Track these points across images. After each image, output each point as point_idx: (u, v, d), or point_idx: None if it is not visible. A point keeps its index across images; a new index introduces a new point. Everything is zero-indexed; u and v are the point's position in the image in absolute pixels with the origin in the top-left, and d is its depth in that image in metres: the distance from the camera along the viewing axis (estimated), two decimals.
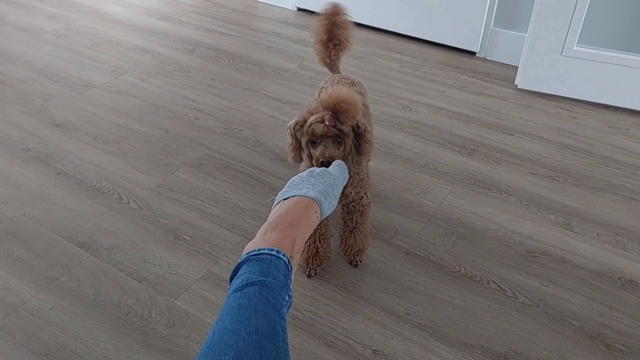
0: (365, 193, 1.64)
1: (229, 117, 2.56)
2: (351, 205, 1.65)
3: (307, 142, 1.42)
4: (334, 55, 1.88)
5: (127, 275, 1.74)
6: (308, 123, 1.38)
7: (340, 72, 1.92)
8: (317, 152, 1.38)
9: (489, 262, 1.81)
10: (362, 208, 1.66)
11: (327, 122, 1.34)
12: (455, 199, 2.08)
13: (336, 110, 1.34)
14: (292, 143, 1.47)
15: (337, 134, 1.37)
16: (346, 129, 1.37)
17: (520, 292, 1.70)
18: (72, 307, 1.63)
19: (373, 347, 1.53)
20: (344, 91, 1.36)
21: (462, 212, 2.02)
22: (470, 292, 1.70)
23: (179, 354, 1.50)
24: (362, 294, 1.69)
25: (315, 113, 1.38)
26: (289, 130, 1.45)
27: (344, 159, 1.41)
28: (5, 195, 2.05)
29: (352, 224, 1.70)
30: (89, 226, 1.92)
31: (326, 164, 1.36)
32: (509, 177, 2.20)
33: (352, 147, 1.44)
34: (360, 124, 1.41)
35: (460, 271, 1.78)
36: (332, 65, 1.91)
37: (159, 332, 1.56)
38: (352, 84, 1.77)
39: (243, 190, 2.09)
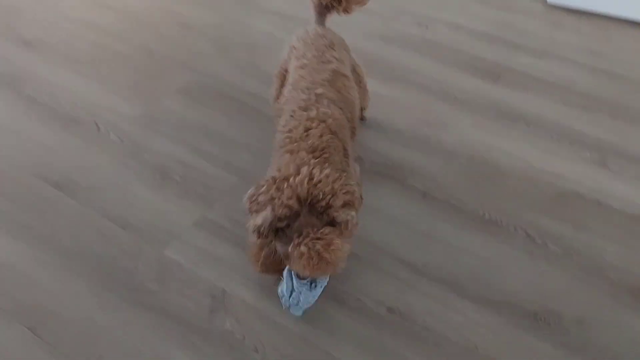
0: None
1: (222, 35, 2.26)
2: None
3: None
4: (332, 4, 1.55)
5: (109, 220, 1.54)
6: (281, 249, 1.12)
7: (324, 25, 1.59)
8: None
9: (515, 206, 1.62)
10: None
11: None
12: (477, 132, 1.85)
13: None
14: (257, 249, 1.26)
15: None
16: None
17: (550, 241, 1.52)
18: (47, 258, 1.45)
19: (387, 304, 1.37)
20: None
21: (485, 148, 1.79)
22: (495, 241, 1.52)
23: (171, 313, 1.33)
24: (374, 243, 1.50)
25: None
26: (255, 232, 1.10)
27: None
28: None
29: None
30: (64, 163, 1.70)
31: None
32: (537, 107, 1.95)
33: None
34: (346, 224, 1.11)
35: (484, 216, 1.58)
36: (321, 11, 1.57)
37: (148, 288, 1.39)
38: (331, 45, 1.49)
39: (238, 122, 1.85)
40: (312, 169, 1.10)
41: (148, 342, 1.29)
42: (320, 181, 1.07)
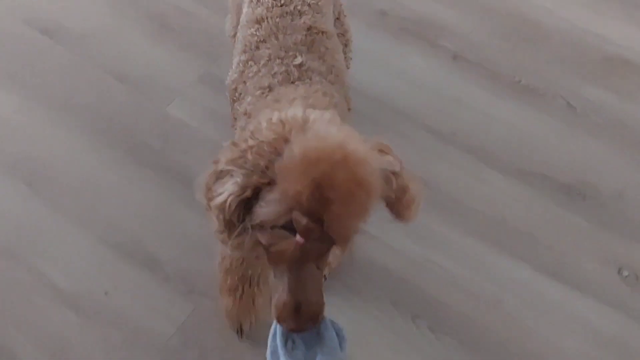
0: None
1: None
2: None
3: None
4: None
5: (104, 72, 1.40)
6: (266, 241, 0.66)
7: None
8: (282, 298, 0.68)
9: (556, 71, 1.46)
10: None
11: (301, 241, 0.63)
12: None
13: (328, 204, 0.61)
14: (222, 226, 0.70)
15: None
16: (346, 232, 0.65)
17: (593, 111, 1.39)
18: (41, 111, 1.33)
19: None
20: (343, 146, 0.63)
21: (525, 5, 1.60)
22: (531, 109, 1.39)
23: (176, 173, 1.24)
24: (397, 108, 1.36)
25: (276, 190, 0.64)
26: (215, 209, 0.68)
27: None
28: None
29: None
30: (53, 6, 1.53)
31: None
32: None
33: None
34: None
35: (520, 82, 1.43)
36: None
37: (151, 146, 1.28)
38: None
39: None
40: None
41: (152, 200, 1.21)
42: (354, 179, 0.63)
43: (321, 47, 0.97)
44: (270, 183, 0.64)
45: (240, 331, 1.06)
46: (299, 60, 0.92)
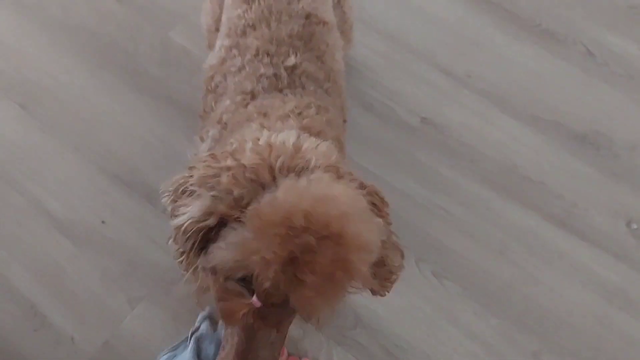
0: None
1: None
2: None
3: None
4: None
5: None
6: (216, 293, 0.57)
7: None
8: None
9: (577, 16, 1.39)
10: None
11: (257, 304, 0.52)
12: None
13: (299, 285, 0.50)
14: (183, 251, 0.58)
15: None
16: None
17: (613, 60, 1.33)
18: (36, 30, 1.26)
19: (422, 114, 1.22)
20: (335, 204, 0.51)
21: None
22: (549, 54, 1.33)
23: (178, 102, 1.18)
24: (410, 46, 1.30)
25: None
26: (174, 229, 0.57)
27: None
28: None
29: None
30: None
31: None
32: None
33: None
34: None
35: (540, 25, 1.37)
36: None
37: (151, 73, 1.22)
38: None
39: None
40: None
41: (150, 128, 1.16)
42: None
43: (321, 43, 0.81)
44: (239, 219, 0.51)
45: None
46: (292, 61, 0.76)
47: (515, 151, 1.19)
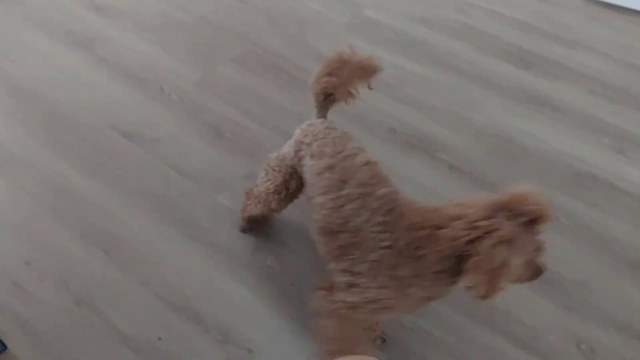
0: None
1: (273, 9, 2.44)
2: None
3: None
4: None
5: (169, 168, 1.76)
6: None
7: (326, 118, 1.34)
8: None
9: (534, 182, 1.76)
10: None
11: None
12: (506, 114, 2.00)
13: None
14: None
15: None
16: None
17: (563, 215, 1.68)
18: (118, 194, 1.68)
19: None
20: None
21: (512, 129, 1.94)
22: None
23: (221, 248, 1.55)
24: None
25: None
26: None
27: None
28: (48, 77, 2.04)
29: None
30: (132, 116, 1.92)
31: None
32: (566, 95, 2.08)
33: None
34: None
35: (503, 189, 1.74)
36: (324, 104, 1.34)
37: (202, 226, 1.60)
38: (345, 136, 1.25)
39: (288, 92, 2.04)
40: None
41: (200, 268, 1.51)
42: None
43: (378, 172, 1.18)
44: None
45: None
46: (383, 190, 1.15)
47: None
